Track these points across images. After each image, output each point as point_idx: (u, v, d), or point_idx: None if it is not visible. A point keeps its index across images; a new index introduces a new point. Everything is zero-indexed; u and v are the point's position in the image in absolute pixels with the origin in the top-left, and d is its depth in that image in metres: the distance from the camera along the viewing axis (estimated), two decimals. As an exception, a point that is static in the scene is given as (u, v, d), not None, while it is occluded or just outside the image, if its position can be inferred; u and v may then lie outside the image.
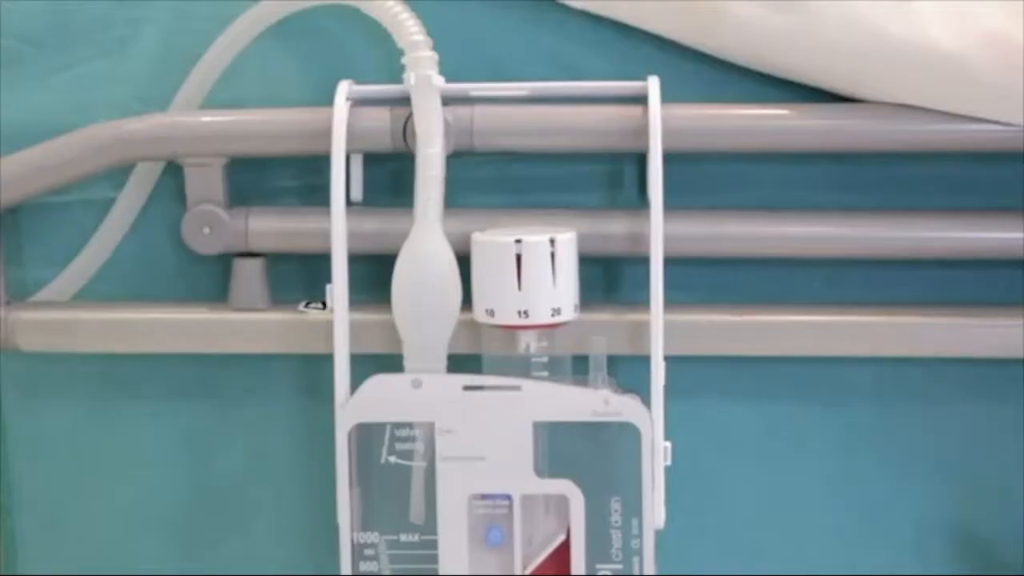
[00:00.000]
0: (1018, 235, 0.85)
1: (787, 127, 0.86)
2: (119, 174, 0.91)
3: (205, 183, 0.88)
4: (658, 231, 0.83)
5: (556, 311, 0.82)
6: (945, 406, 0.91)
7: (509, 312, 0.82)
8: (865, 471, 0.92)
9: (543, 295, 0.82)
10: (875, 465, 0.92)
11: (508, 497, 0.83)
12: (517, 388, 0.82)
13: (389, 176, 0.90)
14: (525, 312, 0.82)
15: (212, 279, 0.92)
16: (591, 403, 0.82)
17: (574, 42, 0.88)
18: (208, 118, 0.89)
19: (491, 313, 0.83)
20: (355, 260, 0.86)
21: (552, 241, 0.82)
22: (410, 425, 0.83)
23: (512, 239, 0.82)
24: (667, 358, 0.84)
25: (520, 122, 0.87)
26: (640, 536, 0.82)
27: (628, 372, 0.86)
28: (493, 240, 0.83)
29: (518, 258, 0.81)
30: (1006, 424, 0.90)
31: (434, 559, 0.83)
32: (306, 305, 0.90)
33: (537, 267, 0.82)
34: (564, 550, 0.83)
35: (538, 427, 0.82)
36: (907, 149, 0.86)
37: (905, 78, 0.83)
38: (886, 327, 0.87)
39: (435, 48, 0.84)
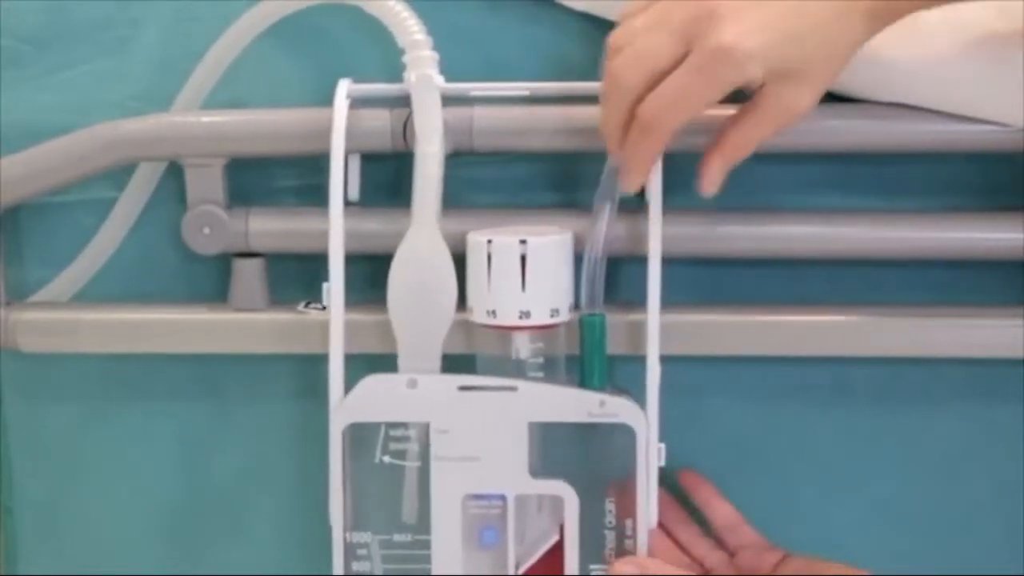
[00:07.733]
0: (1018, 235, 0.85)
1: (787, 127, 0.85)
2: (120, 174, 0.91)
3: (205, 183, 0.88)
4: (656, 231, 0.83)
5: (525, 314, 0.82)
6: (945, 406, 0.91)
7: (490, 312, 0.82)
8: (865, 471, 0.92)
9: (510, 296, 0.81)
10: (875, 465, 0.92)
11: (502, 497, 0.82)
12: (513, 389, 0.82)
13: (388, 176, 0.90)
14: (497, 312, 0.82)
15: (212, 279, 0.92)
16: (586, 404, 0.81)
17: (574, 42, 0.88)
18: (208, 118, 0.89)
19: (472, 311, 0.83)
20: (354, 260, 0.86)
21: (523, 242, 0.81)
22: (405, 425, 0.83)
23: (485, 239, 0.82)
24: (666, 358, 0.84)
25: (520, 122, 0.87)
26: (634, 537, 0.82)
27: (627, 372, 0.86)
28: (476, 240, 0.82)
29: (488, 258, 0.81)
30: (1006, 424, 0.90)
31: (427, 559, 0.83)
32: (306, 305, 0.90)
33: (506, 268, 0.81)
34: (557, 550, 0.83)
35: (533, 427, 0.82)
36: (907, 149, 0.86)
37: (905, 78, 0.82)
38: (886, 327, 0.87)
39: (434, 48, 0.84)
